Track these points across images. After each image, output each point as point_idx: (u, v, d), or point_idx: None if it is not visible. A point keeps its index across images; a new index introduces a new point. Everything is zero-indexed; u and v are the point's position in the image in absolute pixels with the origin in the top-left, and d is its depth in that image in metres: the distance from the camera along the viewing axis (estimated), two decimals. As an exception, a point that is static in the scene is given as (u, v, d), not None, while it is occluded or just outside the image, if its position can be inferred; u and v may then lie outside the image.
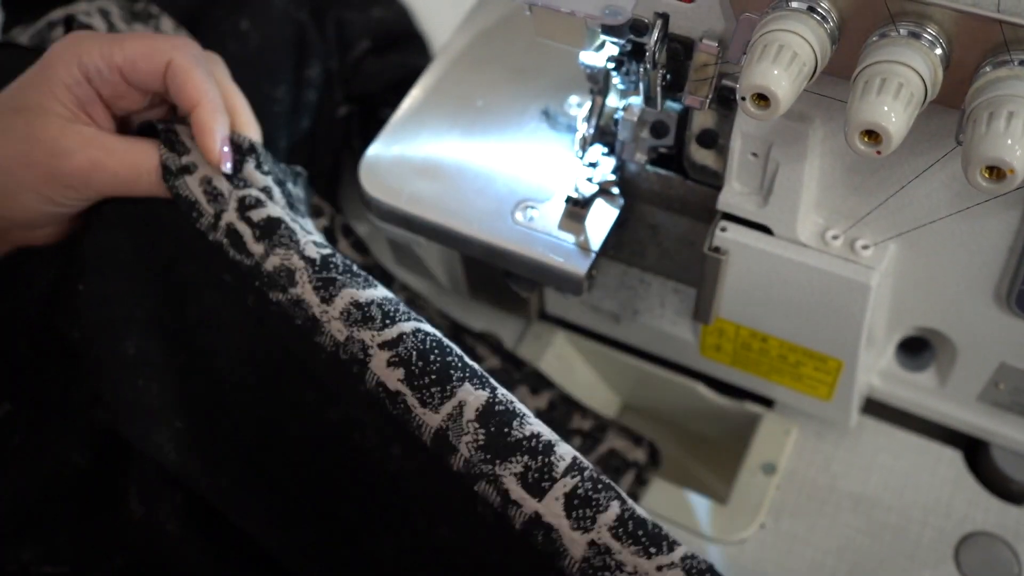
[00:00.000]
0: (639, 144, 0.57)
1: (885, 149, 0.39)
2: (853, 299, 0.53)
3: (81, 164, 0.49)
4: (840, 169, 0.50)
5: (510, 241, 0.57)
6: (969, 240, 0.50)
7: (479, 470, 0.44)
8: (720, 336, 0.61)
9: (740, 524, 0.61)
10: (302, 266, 0.49)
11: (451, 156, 0.61)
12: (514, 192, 0.59)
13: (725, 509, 0.61)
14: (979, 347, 0.56)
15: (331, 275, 0.49)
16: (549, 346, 0.71)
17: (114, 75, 0.50)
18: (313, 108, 0.71)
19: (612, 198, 0.58)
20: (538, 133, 0.62)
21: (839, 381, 0.59)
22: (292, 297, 0.48)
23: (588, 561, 0.42)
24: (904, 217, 0.51)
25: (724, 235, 0.54)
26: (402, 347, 0.47)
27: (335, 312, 0.48)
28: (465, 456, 0.44)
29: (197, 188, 0.50)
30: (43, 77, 0.49)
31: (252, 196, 0.50)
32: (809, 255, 0.52)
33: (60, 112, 0.49)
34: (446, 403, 0.45)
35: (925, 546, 0.59)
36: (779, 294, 0.55)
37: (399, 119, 0.63)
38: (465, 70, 0.65)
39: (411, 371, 0.46)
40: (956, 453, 0.63)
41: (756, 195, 0.53)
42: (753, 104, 0.41)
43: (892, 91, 0.39)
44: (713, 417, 0.69)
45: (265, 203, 0.50)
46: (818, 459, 0.63)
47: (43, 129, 0.49)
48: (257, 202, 0.50)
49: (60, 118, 0.49)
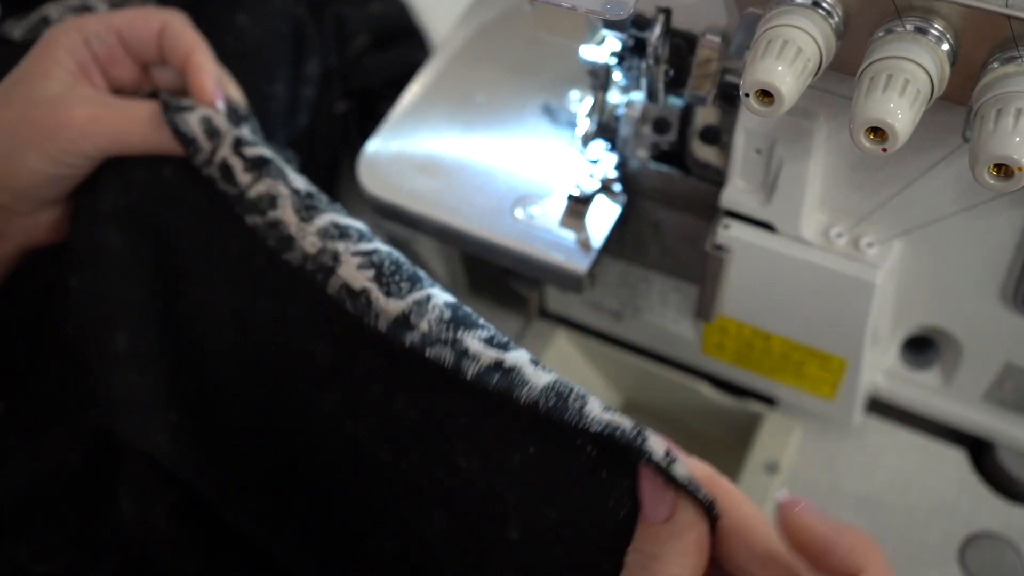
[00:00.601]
0: (641, 140, 0.56)
1: (891, 146, 0.39)
2: (857, 297, 0.52)
3: (80, 117, 0.50)
4: (845, 166, 0.50)
5: (510, 238, 0.56)
6: (975, 238, 0.50)
7: (439, 338, 0.44)
8: (722, 334, 0.60)
9: None
10: (286, 193, 0.49)
11: (451, 152, 0.60)
12: (514, 189, 0.58)
13: None
14: (984, 346, 0.56)
15: (314, 203, 0.49)
16: (550, 344, 0.70)
17: (111, 36, 0.52)
18: (311, 105, 0.71)
19: (614, 195, 0.58)
20: (539, 129, 0.61)
21: (843, 380, 0.58)
22: (270, 219, 0.48)
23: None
24: (909, 215, 0.50)
25: (727, 233, 0.53)
26: (376, 256, 0.47)
27: (312, 229, 0.48)
28: (424, 330, 0.44)
29: (196, 125, 0.51)
30: (44, 46, 0.52)
31: (247, 136, 0.51)
32: (813, 253, 0.52)
33: (60, 76, 0.51)
34: (415, 293, 0.45)
35: (929, 547, 0.59)
36: (782, 292, 0.54)
37: (398, 115, 0.62)
38: (465, 65, 0.64)
39: (381, 272, 0.46)
40: (961, 453, 0.62)
41: (759, 192, 0.52)
42: (756, 100, 0.40)
43: (898, 88, 0.38)
44: (715, 416, 0.68)
45: (258, 144, 0.51)
46: (821, 459, 0.63)
47: (44, 89, 0.51)
48: (251, 142, 0.51)
49: (60, 81, 0.51)
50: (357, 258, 0.47)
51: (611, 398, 0.73)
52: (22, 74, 0.52)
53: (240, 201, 0.49)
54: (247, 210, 0.49)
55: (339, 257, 0.47)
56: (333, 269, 0.46)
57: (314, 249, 0.47)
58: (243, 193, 0.49)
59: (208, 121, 0.51)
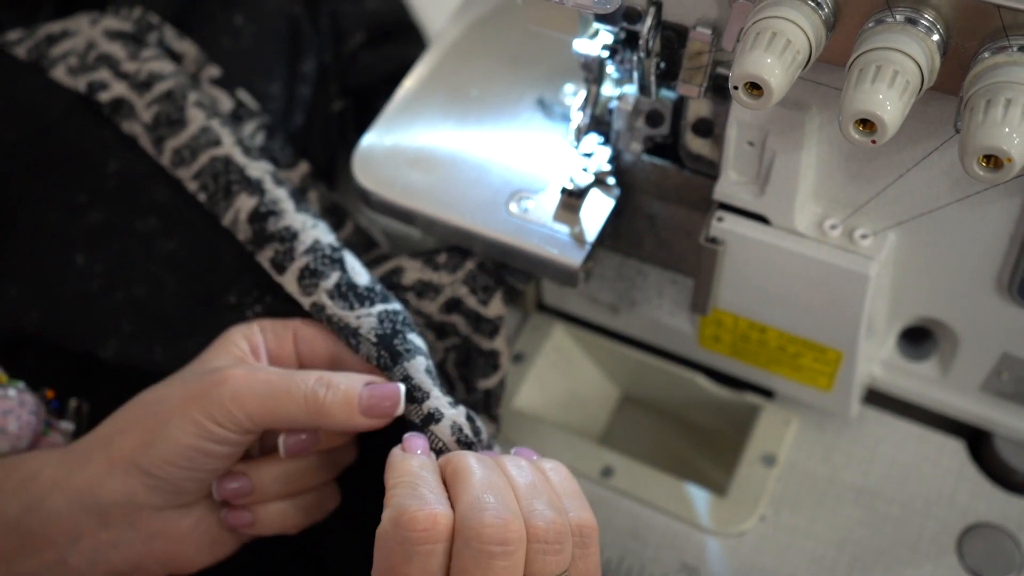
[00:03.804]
0: (634, 133, 0.56)
1: (880, 138, 0.39)
2: (852, 289, 0.52)
3: (236, 376, 0.48)
4: (838, 157, 0.50)
5: (504, 233, 0.56)
6: (970, 228, 0.49)
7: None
8: (718, 327, 0.60)
9: (740, 516, 0.60)
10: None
11: (445, 146, 0.60)
12: (508, 183, 0.58)
13: (724, 501, 0.61)
14: (981, 336, 0.55)
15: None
16: (547, 338, 0.70)
17: (288, 332, 0.53)
18: (307, 103, 0.70)
19: (608, 188, 0.57)
20: (533, 123, 0.61)
21: (839, 372, 0.58)
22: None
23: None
24: (903, 206, 0.50)
25: (721, 225, 0.53)
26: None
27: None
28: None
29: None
30: (223, 337, 0.52)
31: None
32: (807, 245, 0.52)
33: (232, 352, 0.51)
34: (230, 207, 0.56)
35: (927, 538, 0.59)
36: (777, 285, 0.54)
37: (393, 109, 0.62)
38: (459, 59, 0.64)
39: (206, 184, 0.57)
40: (959, 443, 0.62)
41: (753, 184, 0.52)
42: (746, 93, 0.40)
43: (887, 79, 0.38)
44: (712, 408, 0.68)
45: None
46: (819, 450, 0.63)
47: (211, 364, 0.50)
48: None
49: (230, 356, 0.51)
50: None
51: (609, 391, 0.73)
52: (199, 359, 0.51)
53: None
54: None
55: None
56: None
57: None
58: None
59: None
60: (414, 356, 0.51)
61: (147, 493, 0.48)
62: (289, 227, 0.55)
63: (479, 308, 0.58)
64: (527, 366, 0.69)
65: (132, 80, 0.60)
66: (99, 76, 0.60)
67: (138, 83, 0.60)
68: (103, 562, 0.48)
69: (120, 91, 0.60)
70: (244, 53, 0.67)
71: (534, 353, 0.69)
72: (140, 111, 0.59)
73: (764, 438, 0.63)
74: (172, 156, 0.58)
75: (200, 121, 0.59)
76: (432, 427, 0.49)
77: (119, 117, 0.60)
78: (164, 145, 0.59)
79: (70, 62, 0.61)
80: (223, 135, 0.59)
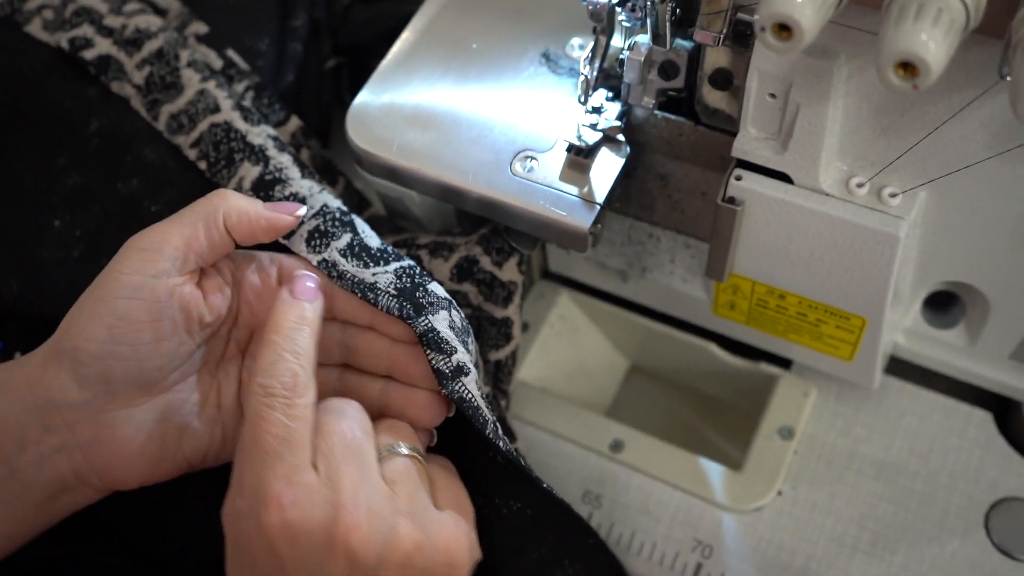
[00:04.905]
0: (647, 87, 0.53)
1: (923, 83, 0.36)
2: (880, 252, 0.50)
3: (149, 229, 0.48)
4: (867, 110, 0.47)
5: (508, 194, 0.54)
6: (1008, 186, 0.47)
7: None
8: (735, 293, 0.58)
9: (756, 492, 0.59)
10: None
11: (445, 104, 0.58)
12: (512, 141, 0.56)
13: (740, 476, 0.60)
14: (1014, 302, 0.53)
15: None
16: (553, 306, 0.69)
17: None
18: (299, 61, 0.69)
19: (617, 146, 0.55)
20: (538, 78, 0.59)
21: (862, 340, 0.56)
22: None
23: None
24: (936, 162, 0.47)
25: (739, 184, 0.51)
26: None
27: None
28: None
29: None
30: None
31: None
32: (832, 205, 0.49)
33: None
34: (233, 176, 0.55)
35: (953, 513, 0.57)
36: (799, 247, 0.52)
37: (388, 65, 0.60)
38: (459, 11, 0.62)
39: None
40: (986, 414, 0.61)
41: (774, 140, 0.50)
42: (774, 36, 0.38)
43: (931, 17, 0.36)
44: (727, 379, 0.67)
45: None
46: (839, 423, 0.61)
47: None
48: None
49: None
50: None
51: (618, 361, 0.71)
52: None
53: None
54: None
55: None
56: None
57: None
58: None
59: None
60: (437, 311, 0.50)
61: (78, 388, 0.46)
62: (296, 194, 0.53)
63: (494, 270, 0.57)
64: (532, 336, 0.68)
65: (118, 36, 0.59)
66: (81, 32, 0.59)
67: (124, 39, 0.59)
68: (50, 468, 0.46)
69: (106, 48, 0.59)
70: (231, 7, 0.66)
71: (539, 322, 0.68)
72: (130, 71, 0.58)
73: (781, 410, 0.62)
74: (169, 121, 0.57)
75: (196, 84, 0.58)
76: (463, 379, 0.48)
77: (107, 77, 0.58)
78: (160, 110, 0.57)
79: (46, 16, 0.59)
80: (220, 99, 0.57)
